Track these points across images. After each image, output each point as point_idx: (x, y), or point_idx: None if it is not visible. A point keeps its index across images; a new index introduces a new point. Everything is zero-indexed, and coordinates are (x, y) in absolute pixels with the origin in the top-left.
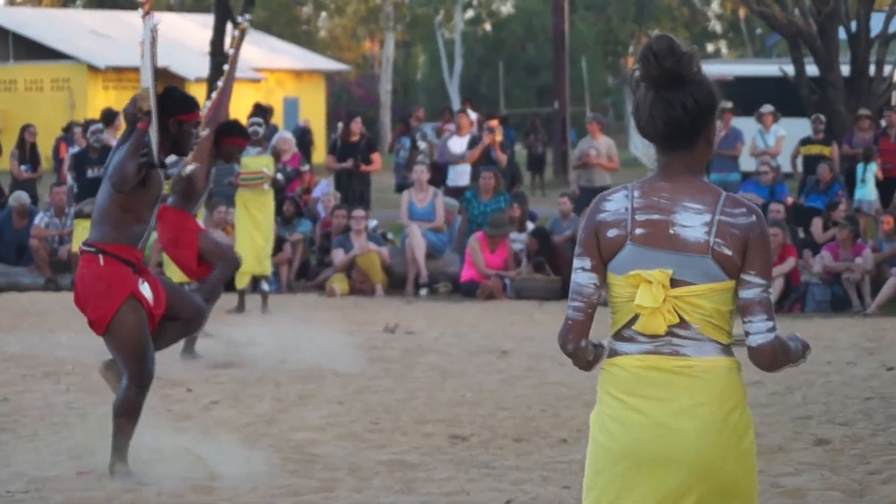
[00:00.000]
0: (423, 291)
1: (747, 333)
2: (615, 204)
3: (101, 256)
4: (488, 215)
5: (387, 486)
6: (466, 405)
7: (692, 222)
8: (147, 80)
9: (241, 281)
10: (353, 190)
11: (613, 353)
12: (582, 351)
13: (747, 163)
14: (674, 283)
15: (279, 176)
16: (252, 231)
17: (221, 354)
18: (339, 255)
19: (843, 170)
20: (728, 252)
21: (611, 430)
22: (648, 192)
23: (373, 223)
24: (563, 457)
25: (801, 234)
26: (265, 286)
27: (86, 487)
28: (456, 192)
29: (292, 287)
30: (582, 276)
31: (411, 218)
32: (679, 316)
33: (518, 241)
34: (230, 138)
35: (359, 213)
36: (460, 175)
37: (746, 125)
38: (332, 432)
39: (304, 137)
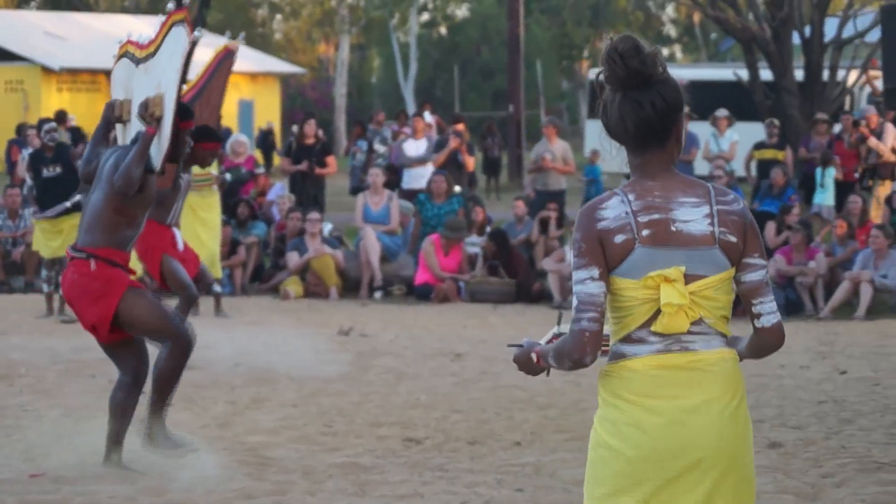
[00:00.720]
0: (378, 294)
1: (759, 315)
2: (613, 210)
3: (92, 261)
4: (442, 218)
5: (341, 488)
6: (420, 408)
7: (693, 216)
8: (167, 85)
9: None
10: (308, 193)
11: (619, 357)
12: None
13: (701, 167)
14: (687, 279)
15: (227, 176)
16: (200, 234)
17: None
18: (293, 258)
19: (799, 174)
20: (733, 239)
21: (628, 435)
22: (642, 194)
23: (328, 227)
24: (517, 459)
25: None
26: (217, 288)
27: (40, 490)
28: (411, 195)
29: (246, 290)
30: (592, 285)
31: (366, 221)
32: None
33: (473, 244)
34: (204, 143)
35: (313, 215)
36: (416, 178)
37: (701, 129)
38: (285, 435)
39: (266, 139)
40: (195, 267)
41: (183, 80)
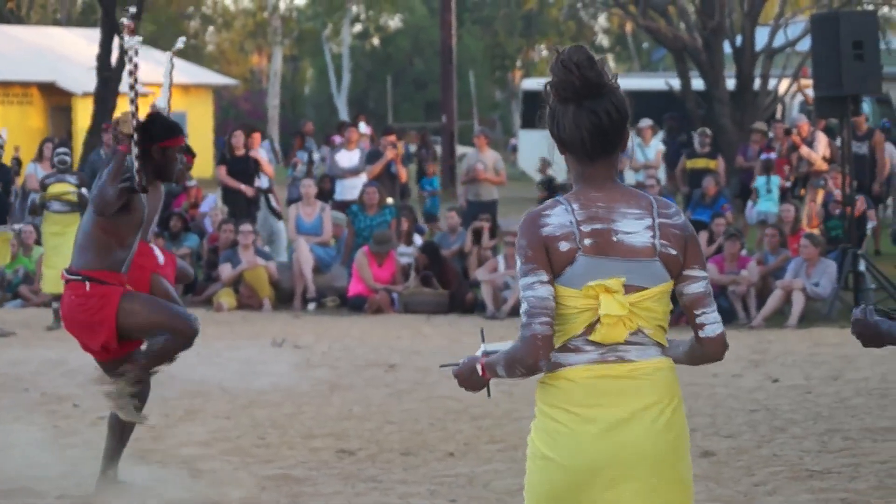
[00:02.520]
0: (311, 306)
1: (703, 325)
2: (557, 218)
3: (87, 283)
4: (374, 229)
5: (274, 500)
6: (354, 419)
7: (634, 228)
8: (129, 103)
9: None
10: (241, 204)
11: (556, 366)
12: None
13: (626, 177)
14: (627, 289)
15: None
16: None
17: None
18: (226, 270)
19: (736, 183)
20: (674, 252)
21: (564, 445)
22: (586, 203)
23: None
24: (450, 470)
25: None
26: None
27: None
28: (343, 206)
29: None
30: (542, 290)
31: (299, 232)
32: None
33: (406, 254)
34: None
35: (246, 227)
36: (348, 189)
37: (632, 139)
38: (219, 447)
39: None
40: (173, 271)
41: (135, 91)
